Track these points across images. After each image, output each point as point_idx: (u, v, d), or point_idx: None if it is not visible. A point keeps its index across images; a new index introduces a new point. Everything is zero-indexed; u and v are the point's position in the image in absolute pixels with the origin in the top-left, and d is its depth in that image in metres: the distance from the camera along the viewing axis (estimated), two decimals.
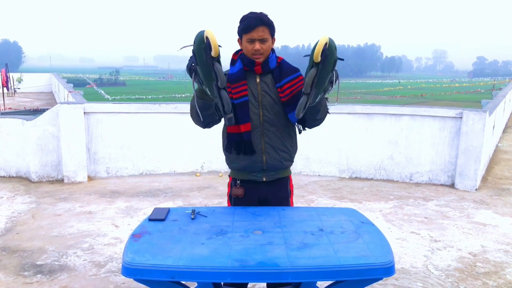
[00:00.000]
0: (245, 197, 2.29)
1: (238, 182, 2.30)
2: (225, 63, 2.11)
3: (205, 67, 1.82)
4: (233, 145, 2.24)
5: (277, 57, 2.31)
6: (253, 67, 2.22)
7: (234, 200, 2.33)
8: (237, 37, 2.23)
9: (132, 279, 1.68)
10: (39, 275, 3.22)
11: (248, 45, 2.17)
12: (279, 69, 2.26)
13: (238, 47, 2.29)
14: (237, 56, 2.27)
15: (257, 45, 2.15)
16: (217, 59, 1.83)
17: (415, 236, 4.09)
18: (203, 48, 1.79)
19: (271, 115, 2.22)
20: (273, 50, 2.26)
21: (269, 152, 2.23)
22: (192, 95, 2.09)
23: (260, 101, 2.23)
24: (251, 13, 2.19)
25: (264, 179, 2.28)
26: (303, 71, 2.14)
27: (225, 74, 2.22)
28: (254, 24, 2.12)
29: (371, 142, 6.08)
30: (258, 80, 2.24)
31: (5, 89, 19.75)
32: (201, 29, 1.85)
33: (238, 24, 2.19)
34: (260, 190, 2.29)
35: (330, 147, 6.16)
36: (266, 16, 2.18)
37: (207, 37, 1.79)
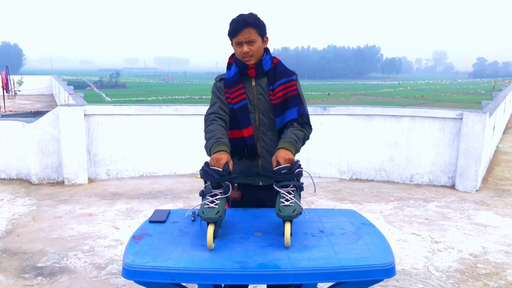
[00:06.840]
0: (242, 200, 2.27)
1: (236, 185, 2.28)
2: (223, 65, 2.09)
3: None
4: (236, 150, 2.20)
5: (273, 58, 2.26)
6: (247, 70, 2.19)
7: (231, 203, 2.31)
8: (229, 41, 2.19)
9: (132, 281, 1.68)
10: (39, 277, 3.22)
11: (237, 48, 2.15)
12: (274, 71, 2.21)
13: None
14: (233, 60, 2.24)
15: (245, 48, 2.12)
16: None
17: (416, 237, 4.09)
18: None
19: (267, 119, 2.21)
20: (267, 51, 2.22)
21: (264, 157, 2.22)
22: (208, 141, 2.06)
23: (256, 105, 2.20)
24: (239, 15, 2.14)
25: (261, 183, 2.27)
26: (303, 72, 2.12)
27: (221, 79, 2.24)
28: (239, 27, 2.09)
29: (372, 143, 6.08)
30: (253, 83, 2.21)
31: (5, 91, 19.77)
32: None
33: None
34: (257, 193, 2.28)
35: (330, 148, 6.17)
36: (252, 17, 2.12)
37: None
